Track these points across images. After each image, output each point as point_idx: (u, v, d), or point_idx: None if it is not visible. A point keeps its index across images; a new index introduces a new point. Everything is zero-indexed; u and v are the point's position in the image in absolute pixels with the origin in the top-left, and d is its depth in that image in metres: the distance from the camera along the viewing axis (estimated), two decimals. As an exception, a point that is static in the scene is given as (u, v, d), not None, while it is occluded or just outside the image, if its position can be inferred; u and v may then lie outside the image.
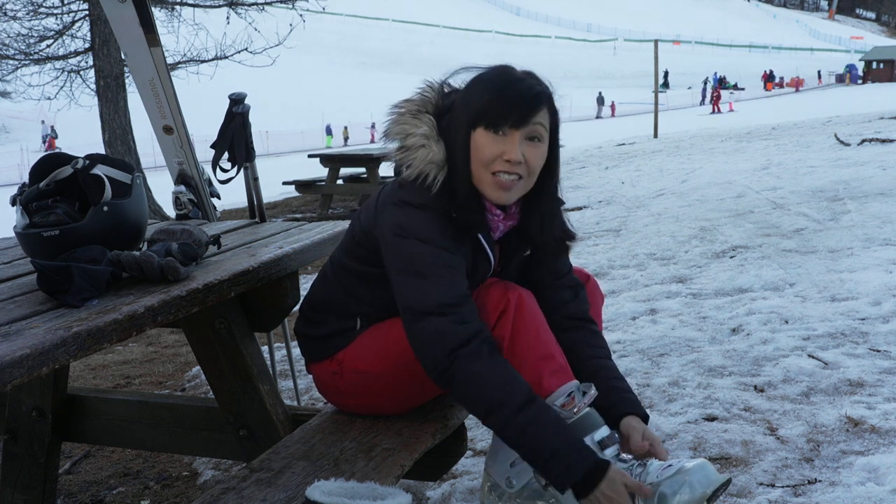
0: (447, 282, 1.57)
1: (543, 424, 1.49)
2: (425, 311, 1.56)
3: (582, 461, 1.47)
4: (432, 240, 1.59)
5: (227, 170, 2.80)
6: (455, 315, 1.55)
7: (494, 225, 1.70)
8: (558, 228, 1.75)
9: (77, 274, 1.53)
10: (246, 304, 2.00)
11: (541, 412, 1.50)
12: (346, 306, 1.79)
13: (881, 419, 2.26)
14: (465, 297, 1.58)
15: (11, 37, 10.70)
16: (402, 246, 1.60)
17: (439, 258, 1.58)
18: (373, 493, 1.44)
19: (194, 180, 3.02)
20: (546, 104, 1.62)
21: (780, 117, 18.55)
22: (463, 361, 1.52)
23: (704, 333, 3.24)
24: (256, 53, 10.77)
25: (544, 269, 1.82)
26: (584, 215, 6.70)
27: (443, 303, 1.55)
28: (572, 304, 1.80)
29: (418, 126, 1.64)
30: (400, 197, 1.63)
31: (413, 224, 1.60)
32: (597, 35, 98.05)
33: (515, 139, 1.58)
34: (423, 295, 1.57)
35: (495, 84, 1.61)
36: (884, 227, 4.69)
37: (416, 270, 1.58)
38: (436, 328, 1.55)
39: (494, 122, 1.58)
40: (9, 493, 2.29)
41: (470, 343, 1.53)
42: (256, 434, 2.00)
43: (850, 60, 72.00)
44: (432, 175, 1.61)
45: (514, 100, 1.58)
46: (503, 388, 1.51)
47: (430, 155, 1.61)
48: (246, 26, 10.79)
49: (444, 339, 1.54)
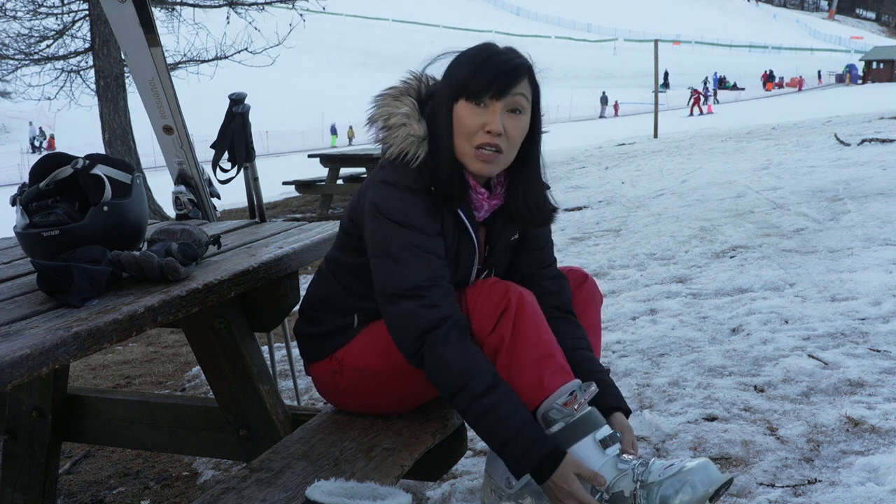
0: (418, 264, 1.59)
1: (502, 412, 1.52)
2: (396, 293, 1.60)
3: (536, 450, 1.51)
4: (407, 221, 1.61)
5: (227, 170, 2.80)
6: (425, 298, 1.57)
7: (479, 203, 1.71)
8: (540, 199, 1.76)
9: (77, 274, 1.53)
10: (246, 304, 2.00)
11: (501, 399, 1.53)
12: (343, 303, 1.80)
13: (881, 419, 2.26)
14: (436, 279, 1.60)
15: (11, 37, 10.70)
16: (376, 226, 1.63)
17: (411, 240, 1.60)
18: (373, 493, 1.44)
19: (194, 180, 3.02)
20: (526, 76, 1.64)
21: (773, 118, 18.55)
22: (431, 345, 1.56)
23: (704, 333, 3.24)
24: (256, 53, 10.77)
25: (527, 260, 1.84)
26: (584, 215, 6.70)
27: (413, 285, 1.58)
28: (555, 296, 1.82)
29: (399, 107, 1.67)
30: (381, 177, 1.67)
31: (389, 204, 1.62)
32: (597, 35, 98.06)
33: (496, 110, 1.60)
34: (394, 277, 1.60)
35: (476, 58, 1.64)
36: (884, 227, 4.69)
37: (388, 252, 1.61)
38: (406, 311, 1.58)
39: (475, 93, 1.60)
40: (9, 493, 2.29)
41: (439, 327, 1.56)
42: (256, 434, 2.00)
43: (850, 60, 72.02)
44: (412, 151, 1.64)
45: (494, 71, 1.60)
46: (467, 373, 1.54)
47: (410, 131, 1.64)
48: (246, 26, 10.79)
49: (415, 322, 1.57)
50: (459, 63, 1.66)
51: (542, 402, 1.57)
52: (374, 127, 1.70)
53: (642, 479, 1.50)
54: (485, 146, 1.61)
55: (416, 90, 1.71)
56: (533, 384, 1.57)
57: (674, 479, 1.46)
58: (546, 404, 1.56)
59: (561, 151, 13.85)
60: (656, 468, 1.50)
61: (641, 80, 56.04)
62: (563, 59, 75.74)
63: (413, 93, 1.70)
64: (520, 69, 1.63)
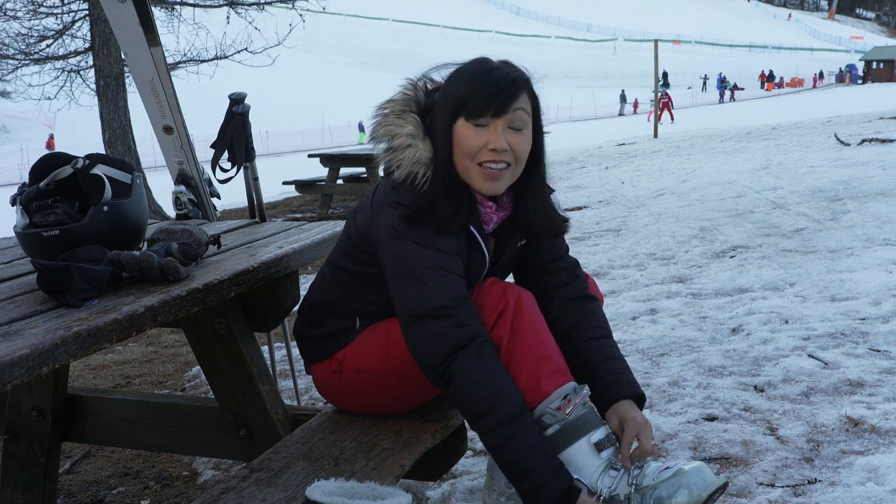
0: (443, 283, 1.57)
1: (524, 442, 1.50)
2: (421, 313, 1.57)
3: (552, 487, 1.48)
4: (427, 241, 1.59)
5: (227, 170, 2.80)
6: (452, 318, 1.55)
7: (488, 217, 1.70)
8: (549, 211, 1.75)
9: (77, 274, 1.53)
10: (246, 304, 2.00)
11: (525, 429, 1.51)
12: (345, 306, 1.79)
13: (881, 419, 2.26)
14: (461, 298, 1.58)
15: (11, 37, 10.70)
16: (396, 248, 1.61)
17: (434, 260, 1.58)
18: (373, 493, 1.44)
19: (194, 180, 3.02)
20: (525, 89, 1.62)
21: (766, 119, 18.54)
22: (459, 365, 1.53)
23: (704, 333, 3.24)
24: (256, 53, 10.77)
25: (540, 254, 1.81)
26: (584, 215, 6.70)
27: (439, 305, 1.55)
28: (569, 286, 1.79)
29: (403, 126, 1.64)
30: (394, 199, 1.64)
31: (406, 226, 1.60)
32: (597, 35, 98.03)
33: (498, 128, 1.59)
34: (419, 297, 1.57)
35: (472, 75, 1.61)
36: (884, 227, 4.69)
37: (412, 273, 1.58)
38: (433, 331, 1.55)
39: (475, 112, 1.58)
40: (9, 493, 2.29)
41: (467, 346, 1.53)
42: (256, 434, 2.00)
43: (850, 60, 72.02)
44: (421, 174, 1.62)
45: (493, 88, 1.58)
46: (495, 397, 1.51)
47: (417, 154, 1.62)
48: (246, 26, 10.79)
49: (441, 342, 1.54)
50: (455, 80, 1.63)
51: (537, 405, 1.56)
52: (377, 144, 1.67)
53: (637, 482, 1.49)
54: (490, 163, 1.59)
55: (415, 102, 1.68)
56: (530, 386, 1.56)
57: (669, 482, 1.46)
58: (540, 408, 1.56)
59: (561, 151, 13.85)
60: (651, 471, 1.50)
61: (642, 80, 56.02)
62: (563, 59, 75.76)
63: (413, 105, 1.67)
64: (518, 83, 1.61)
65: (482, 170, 1.60)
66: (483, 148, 1.59)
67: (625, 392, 1.65)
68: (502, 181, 1.63)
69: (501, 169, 1.60)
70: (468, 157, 1.60)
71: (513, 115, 1.59)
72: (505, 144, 1.58)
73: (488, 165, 1.60)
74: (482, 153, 1.59)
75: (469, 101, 1.58)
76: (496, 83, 1.59)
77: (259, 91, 22.24)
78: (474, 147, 1.59)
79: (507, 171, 1.62)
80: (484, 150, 1.59)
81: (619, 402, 1.64)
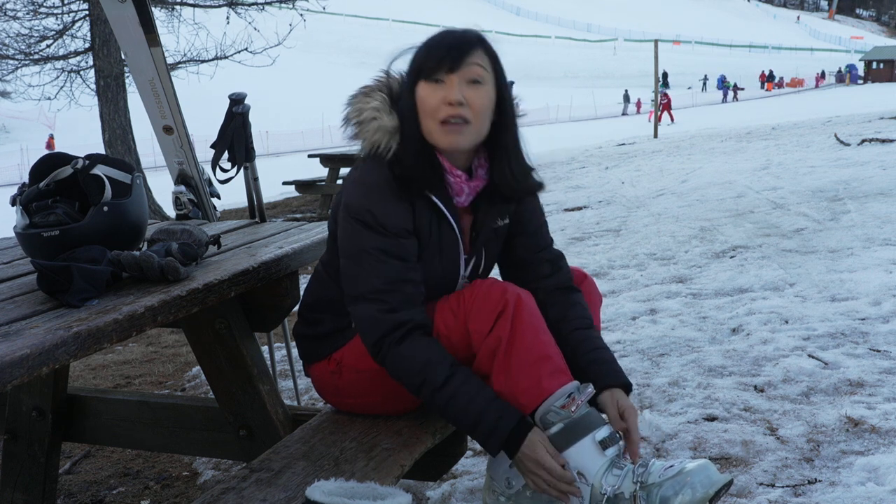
0: (378, 268, 1.61)
1: (464, 397, 1.56)
2: (358, 294, 1.63)
3: (504, 424, 1.54)
4: (373, 221, 1.62)
5: (227, 170, 2.80)
6: (384, 303, 1.61)
7: (458, 188, 1.71)
8: (525, 170, 1.76)
9: (77, 274, 1.53)
10: (246, 304, 2.00)
11: (461, 385, 1.57)
12: (340, 304, 1.79)
13: (881, 419, 2.26)
14: (396, 283, 1.61)
15: (11, 37, 10.70)
16: (345, 228, 1.67)
17: (374, 243, 1.62)
18: (373, 493, 1.43)
19: (194, 180, 3.02)
20: (480, 46, 1.65)
21: (766, 119, 18.54)
22: (387, 348, 1.60)
23: (704, 333, 3.24)
24: (256, 53, 10.78)
25: (522, 245, 1.84)
26: (584, 215, 6.70)
27: (374, 288, 1.61)
28: (552, 278, 1.82)
29: (369, 102, 1.68)
30: (354, 177, 1.70)
31: (357, 205, 1.64)
32: (597, 35, 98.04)
33: (454, 82, 1.61)
34: (356, 279, 1.64)
35: (430, 40, 1.67)
36: (884, 227, 4.69)
37: (352, 254, 1.65)
38: (366, 314, 1.62)
39: (431, 70, 1.62)
40: (9, 493, 2.29)
41: (395, 331, 1.60)
42: (256, 434, 2.00)
43: (850, 60, 72.03)
44: (384, 143, 1.65)
45: (446, 46, 1.63)
46: (424, 369, 1.58)
47: (380, 123, 1.65)
48: (246, 26, 10.79)
49: (373, 326, 1.62)
50: (416, 49, 1.68)
51: (540, 404, 1.57)
52: (349, 126, 1.71)
53: (642, 479, 1.50)
54: (449, 119, 1.62)
55: (387, 86, 1.72)
56: (532, 386, 1.56)
57: (674, 480, 1.46)
58: (544, 406, 1.56)
59: (561, 151, 13.85)
60: (656, 469, 1.50)
61: (642, 80, 56.02)
62: (563, 59, 75.72)
63: (384, 89, 1.71)
64: (470, 39, 1.65)
65: (443, 126, 1.63)
66: (440, 103, 1.61)
67: (615, 380, 1.69)
68: (463, 135, 1.64)
69: (459, 123, 1.62)
70: (429, 117, 1.63)
71: (467, 69, 1.62)
72: (460, 97, 1.60)
73: (449, 121, 1.62)
74: (440, 109, 1.61)
75: (425, 61, 1.63)
76: (449, 41, 1.64)
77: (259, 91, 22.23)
78: (433, 104, 1.62)
79: (468, 127, 1.63)
80: (442, 106, 1.61)
81: (611, 389, 1.67)
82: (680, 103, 39.54)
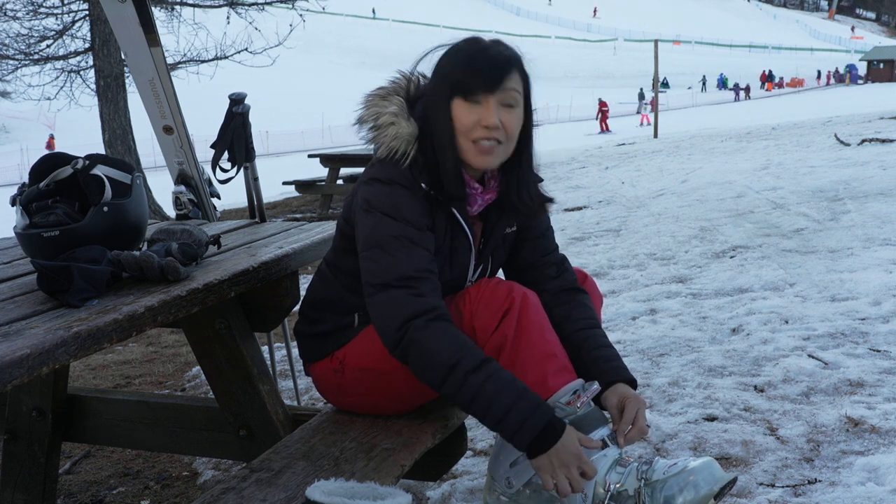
0: (409, 255, 1.60)
1: (499, 383, 1.51)
2: (385, 282, 1.59)
3: (536, 419, 1.49)
4: (397, 214, 1.61)
5: (227, 170, 2.80)
6: (412, 288, 1.58)
7: (472, 198, 1.72)
8: (534, 192, 1.78)
9: (77, 274, 1.53)
10: (246, 304, 2.00)
11: (496, 372, 1.52)
12: (343, 302, 1.80)
13: (881, 419, 2.26)
14: (425, 271, 1.60)
15: (11, 37, 10.71)
16: (367, 220, 1.64)
17: (401, 231, 1.61)
18: (373, 493, 1.43)
19: (194, 180, 3.02)
20: (516, 68, 1.65)
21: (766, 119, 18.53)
22: (416, 330, 1.55)
23: (704, 333, 3.24)
24: (256, 53, 10.78)
25: (529, 249, 1.85)
26: (584, 215, 6.70)
27: (402, 275, 1.58)
28: (558, 279, 1.83)
29: (387, 106, 1.68)
30: (370, 175, 1.68)
31: (378, 198, 1.63)
32: (597, 35, 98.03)
33: (490, 105, 1.61)
34: (384, 267, 1.60)
35: (465, 54, 1.65)
36: (884, 227, 4.69)
37: (378, 243, 1.62)
38: (392, 298, 1.58)
39: (468, 90, 1.61)
40: (9, 493, 2.29)
41: (424, 315, 1.56)
42: (256, 434, 1.99)
43: (850, 60, 72.05)
44: (402, 150, 1.65)
45: (485, 66, 1.61)
46: (459, 351, 1.53)
47: (399, 130, 1.65)
48: (246, 26, 10.80)
49: (400, 308, 1.57)
50: (449, 61, 1.67)
51: (545, 401, 1.57)
52: (364, 127, 1.71)
53: (646, 477, 1.50)
54: (482, 139, 1.62)
55: (404, 89, 1.72)
56: (537, 383, 1.57)
57: (677, 477, 1.47)
58: (549, 403, 1.56)
59: (561, 151, 13.85)
60: (660, 467, 1.51)
61: (641, 80, 55.99)
62: (563, 59, 75.70)
63: (402, 92, 1.71)
64: (509, 61, 1.64)
65: (476, 146, 1.63)
66: (476, 124, 1.62)
67: (620, 376, 1.70)
68: (494, 156, 1.65)
69: (492, 145, 1.63)
70: (463, 135, 1.63)
71: (504, 93, 1.62)
72: (496, 121, 1.61)
73: (481, 142, 1.62)
74: (475, 130, 1.62)
75: (462, 80, 1.62)
76: (489, 61, 1.62)
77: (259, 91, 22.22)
78: (468, 124, 1.62)
79: (499, 148, 1.65)
80: (477, 127, 1.62)
81: (616, 384, 1.68)
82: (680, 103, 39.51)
